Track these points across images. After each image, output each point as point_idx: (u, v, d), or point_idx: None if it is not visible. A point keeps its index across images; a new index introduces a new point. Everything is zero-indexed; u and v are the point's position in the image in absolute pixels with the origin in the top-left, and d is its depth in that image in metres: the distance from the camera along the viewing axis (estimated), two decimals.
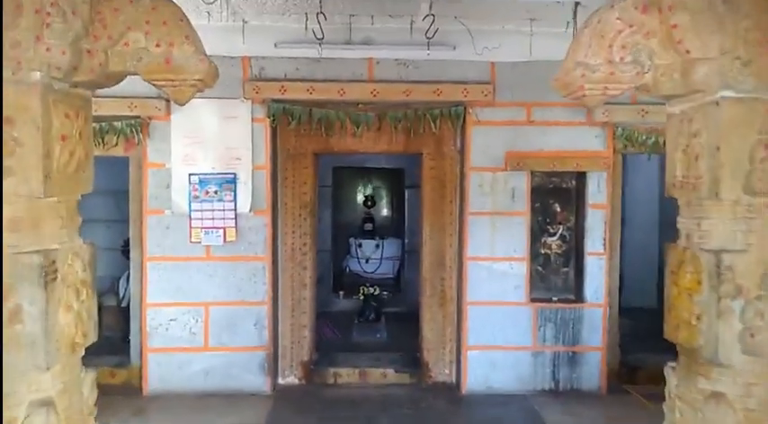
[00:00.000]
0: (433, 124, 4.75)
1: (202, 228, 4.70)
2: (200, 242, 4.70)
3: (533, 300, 4.87)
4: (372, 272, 8.70)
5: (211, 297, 4.75)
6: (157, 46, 2.25)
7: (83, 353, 2.10)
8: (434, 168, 4.93)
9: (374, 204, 9.35)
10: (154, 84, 2.31)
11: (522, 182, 4.81)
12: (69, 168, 2.09)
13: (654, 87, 2.40)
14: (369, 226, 8.99)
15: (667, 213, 7.29)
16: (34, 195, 1.89)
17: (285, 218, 4.89)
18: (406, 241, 7.86)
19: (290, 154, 4.87)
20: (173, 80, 2.30)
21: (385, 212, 9.40)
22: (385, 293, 7.15)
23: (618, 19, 2.34)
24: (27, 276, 1.84)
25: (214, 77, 2.42)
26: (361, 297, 6.85)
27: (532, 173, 4.83)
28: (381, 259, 8.70)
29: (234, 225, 4.71)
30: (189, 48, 2.28)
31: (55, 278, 1.91)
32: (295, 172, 4.89)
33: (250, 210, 4.73)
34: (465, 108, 4.74)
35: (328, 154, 5.20)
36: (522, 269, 4.83)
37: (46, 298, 1.85)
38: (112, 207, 6.31)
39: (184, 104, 2.43)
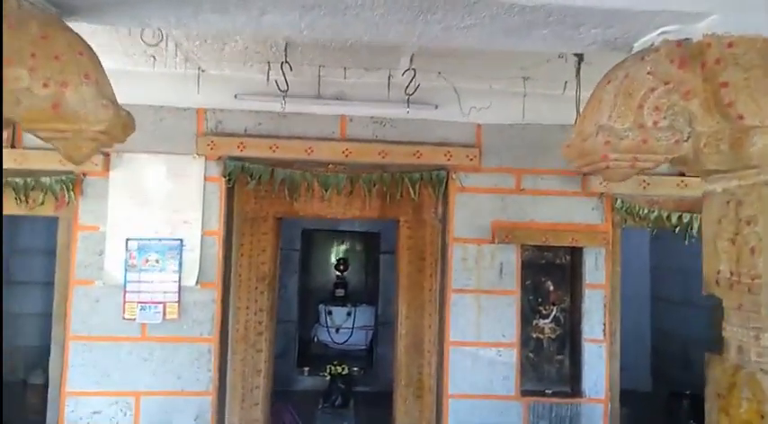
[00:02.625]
0: (411, 189, 4.22)
1: (138, 303, 4.00)
2: (134, 320, 3.98)
3: (524, 393, 4.21)
4: (343, 343, 7.97)
5: (144, 385, 3.98)
6: (45, 86, 1.67)
7: None
8: (412, 238, 4.36)
9: (347, 268, 8.71)
10: (38, 137, 1.71)
11: (512, 257, 4.25)
12: None
13: (695, 160, 1.88)
14: (340, 292, 8.32)
15: (659, 288, 6.86)
16: None
17: (238, 292, 4.21)
18: (379, 311, 7.18)
19: (248, 217, 4.26)
20: (63, 131, 1.71)
21: (358, 277, 8.75)
22: (355, 369, 6.41)
23: (649, 74, 1.84)
24: None
25: (125, 129, 1.83)
26: (328, 377, 6.09)
27: (522, 247, 4.28)
28: (353, 328, 8.00)
29: (176, 299, 4.02)
30: (88, 90, 1.70)
31: None
32: (253, 239, 4.26)
33: (196, 283, 4.05)
34: (448, 172, 4.23)
35: (292, 218, 4.60)
36: (511, 357, 4.19)
37: None
38: (49, 268, 5.54)
39: (80, 163, 1.83)
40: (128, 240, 4.03)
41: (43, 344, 5.09)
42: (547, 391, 4.28)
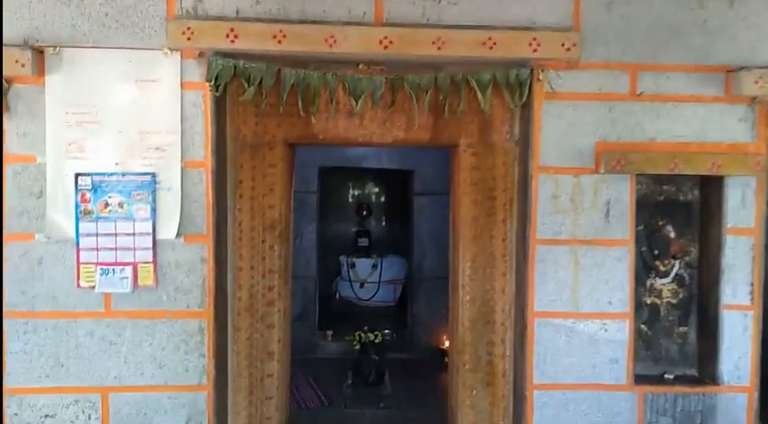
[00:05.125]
0: (480, 96, 2.91)
1: (98, 264, 2.83)
2: (93, 288, 2.83)
3: (638, 380, 3.04)
4: (368, 299, 6.90)
5: (113, 379, 2.88)
6: None
7: None
8: (478, 168, 3.09)
9: (370, 213, 7.54)
10: None
11: (623, 192, 2.98)
12: None
13: None
14: (363, 242, 7.18)
15: None
16: None
17: (239, 247, 3.02)
18: (414, 264, 6.01)
19: (248, 143, 3.00)
20: None
21: (384, 224, 7.58)
22: (387, 332, 5.30)
23: None
24: None
25: None
26: (357, 346, 4.99)
27: (637, 178, 3.01)
28: (380, 282, 6.90)
29: (150, 258, 2.85)
30: None
31: None
32: (255, 173, 3.03)
33: (178, 235, 2.86)
34: (532, 70, 2.92)
35: (309, 145, 3.34)
36: (621, 331, 3.00)
37: None
38: None
39: None
40: (77, 175, 2.82)
41: None
42: (666, 375, 3.11)
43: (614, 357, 3.00)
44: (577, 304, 2.98)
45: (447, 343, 5.61)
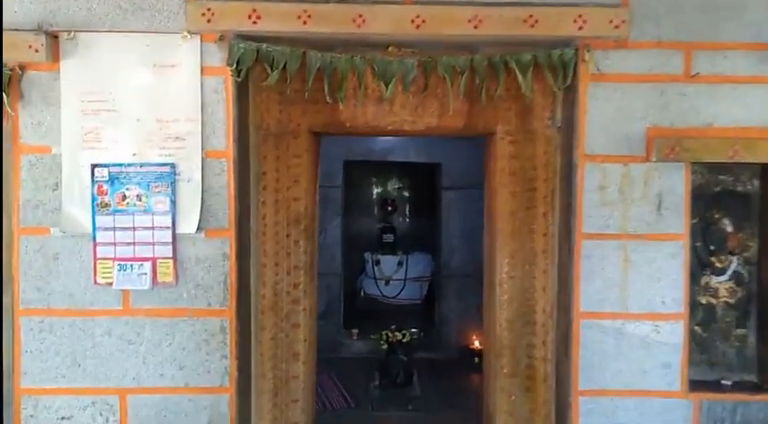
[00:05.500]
0: (520, 78, 2.69)
1: (116, 260, 2.69)
2: (111, 285, 2.69)
3: (694, 386, 2.80)
4: (394, 297, 6.74)
5: (131, 380, 2.74)
6: None
7: None
8: (518, 157, 2.87)
9: (395, 209, 7.35)
10: None
11: (677, 182, 2.74)
12: None
13: None
14: (389, 238, 7.00)
15: None
16: None
17: (262, 242, 2.85)
18: (442, 261, 5.80)
19: (271, 132, 2.83)
20: None
21: (410, 220, 7.39)
22: (414, 330, 5.11)
23: None
24: None
25: None
26: (385, 346, 4.81)
27: (693, 166, 2.77)
28: (405, 280, 6.72)
29: (170, 254, 2.70)
30: None
31: None
32: (279, 164, 2.86)
33: (199, 229, 2.71)
34: (577, 50, 2.69)
35: (336, 135, 3.16)
36: (675, 334, 2.76)
37: None
38: None
39: None
40: (94, 166, 2.69)
41: None
42: (724, 382, 2.86)
43: (667, 361, 2.76)
44: (627, 303, 2.75)
45: (477, 342, 5.40)
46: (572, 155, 2.76)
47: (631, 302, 2.75)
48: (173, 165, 2.69)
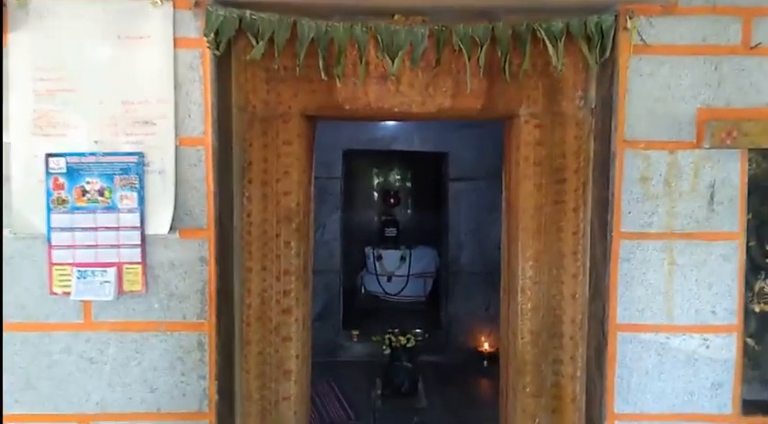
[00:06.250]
0: (552, 50, 2.28)
1: (74, 266, 2.30)
2: (69, 295, 2.30)
3: (748, 408, 2.42)
4: (396, 294, 6.42)
5: (95, 405, 2.36)
6: None
7: None
8: (543, 144, 2.47)
9: (398, 201, 7.00)
10: None
11: (732, 172, 2.34)
12: None
13: None
14: (391, 232, 6.66)
15: None
16: None
17: (247, 244, 2.46)
18: (449, 256, 5.43)
19: (257, 115, 2.43)
20: None
21: (412, 212, 7.03)
22: (418, 331, 4.76)
23: None
24: None
25: None
26: (388, 350, 4.45)
27: (750, 154, 2.37)
28: (408, 276, 6.40)
29: (139, 259, 2.30)
30: None
31: None
32: (267, 153, 2.45)
33: (172, 229, 2.31)
34: (617, 17, 2.28)
35: (333, 119, 2.75)
36: (728, 348, 2.38)
37: None
38: None
39: None
40: (48, 156, 2.29)
41: None
42: None
43: (718, 380, 2.38)
44: (672, 314, 2.36)
45: (486, 345, 5.04)
46: (609, 141, 2.35)
47: (677, 312, 2.36)
48: (141, 155, 2.29)
